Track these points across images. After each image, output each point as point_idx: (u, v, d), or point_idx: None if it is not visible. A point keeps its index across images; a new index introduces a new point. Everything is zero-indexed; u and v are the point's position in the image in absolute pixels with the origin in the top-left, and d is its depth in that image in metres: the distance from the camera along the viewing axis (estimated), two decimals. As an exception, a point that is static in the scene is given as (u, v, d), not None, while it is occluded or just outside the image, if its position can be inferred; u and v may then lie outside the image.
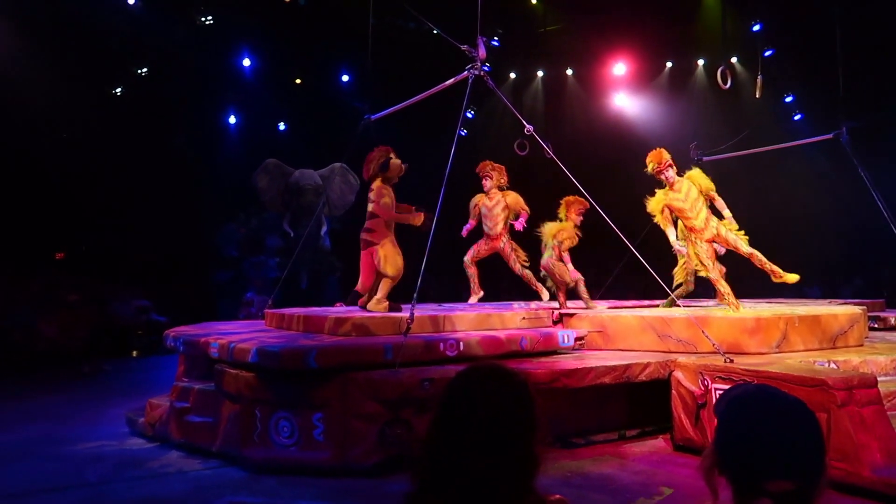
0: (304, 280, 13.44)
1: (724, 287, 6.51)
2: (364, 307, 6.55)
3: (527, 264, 7.79)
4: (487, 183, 7.85)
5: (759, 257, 6.47)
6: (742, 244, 6.46)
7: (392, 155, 6.73)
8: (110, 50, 13.65)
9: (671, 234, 6.75)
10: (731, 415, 1.35)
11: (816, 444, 1.31)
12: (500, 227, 7.70)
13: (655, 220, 6.69)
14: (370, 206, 6.62)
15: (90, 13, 12.62)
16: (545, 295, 7.52)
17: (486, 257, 7.93)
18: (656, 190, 6.78)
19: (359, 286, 6.73)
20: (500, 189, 7.84)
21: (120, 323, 13.08)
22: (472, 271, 7.97)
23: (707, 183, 6.68)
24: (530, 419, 1.41)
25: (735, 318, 6.01)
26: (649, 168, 6.71)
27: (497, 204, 7.74)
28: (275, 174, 14.03)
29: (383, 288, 6.49)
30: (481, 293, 7.95)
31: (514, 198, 7.79)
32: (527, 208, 7.72)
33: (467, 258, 7.86)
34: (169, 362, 8.45)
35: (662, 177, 6.70)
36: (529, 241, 7.81)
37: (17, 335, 11.66)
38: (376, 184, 6.65)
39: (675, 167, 6.72)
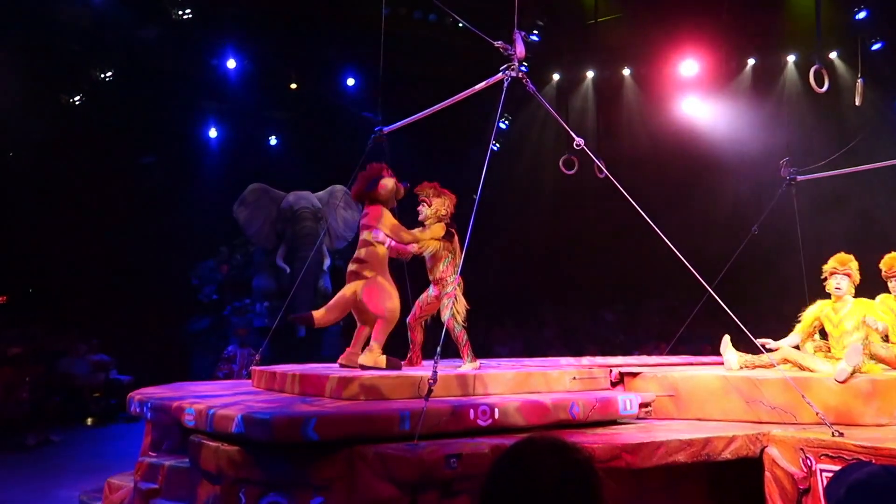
0: (301, 328, 13.45)
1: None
2: (345, 365, 6.50)
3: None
4: (423, 211, 7.01)
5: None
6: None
7: (385, 174, 6.79)
8: (68, 50, 14.02)
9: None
10: (854, 504, 1.32)
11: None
12: (439, 271, 6.90)
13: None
14: (366, 233, 6.68)
15: (42, 6, 12.96)
16: None
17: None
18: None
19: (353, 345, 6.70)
20: (440, 220, 6.94)
21: (73, 383, 13.18)
22: (414, 336, 7.12)
23: None
24: (597, 507, 1.39)
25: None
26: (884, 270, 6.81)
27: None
28: (260, 203, 14.15)
29: (379, 333, 6.43)
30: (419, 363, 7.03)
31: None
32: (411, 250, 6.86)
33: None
34: (133, 432, 8.46)
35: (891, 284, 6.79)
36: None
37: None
38: (375, 208, 6.73)
39: None
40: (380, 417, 5.13)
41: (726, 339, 6.72)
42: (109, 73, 14.65)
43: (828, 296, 6.53)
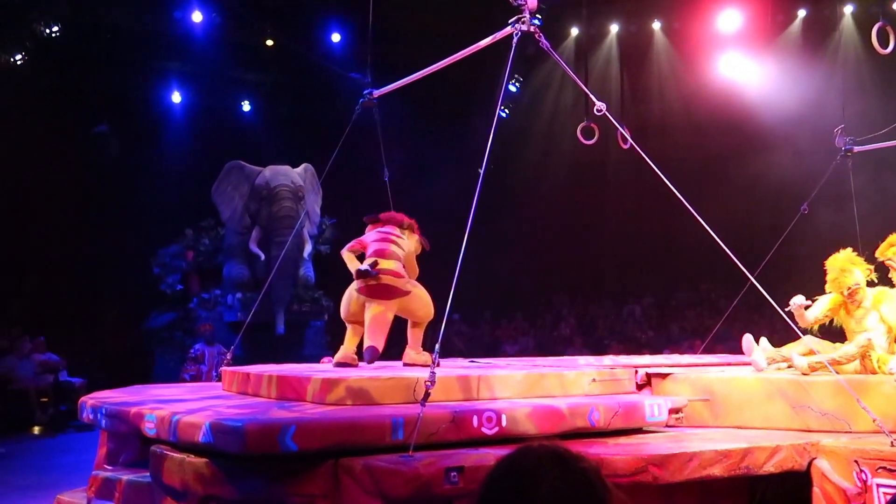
0: (280, 324, 13.53)
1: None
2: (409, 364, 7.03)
3: None
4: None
5: None
6: None
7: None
8: (6, 1, 13.96)
9: None
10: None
11: None
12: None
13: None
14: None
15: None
16: None
17: None
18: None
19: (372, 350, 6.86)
20: None
21: (16, 386, 13.23)
22: None
23: None
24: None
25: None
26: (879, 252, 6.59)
27: None
28: (234, 181, 14.20)
29: (420, 337, 7.15)
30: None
31: None
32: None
33: None
34: (85, 442, 8.48)
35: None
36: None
37: None
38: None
39: None
40: (369, 425, 5.15)
41: (748, 338, 6.75)
42: (56, 29, 14.57)
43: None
